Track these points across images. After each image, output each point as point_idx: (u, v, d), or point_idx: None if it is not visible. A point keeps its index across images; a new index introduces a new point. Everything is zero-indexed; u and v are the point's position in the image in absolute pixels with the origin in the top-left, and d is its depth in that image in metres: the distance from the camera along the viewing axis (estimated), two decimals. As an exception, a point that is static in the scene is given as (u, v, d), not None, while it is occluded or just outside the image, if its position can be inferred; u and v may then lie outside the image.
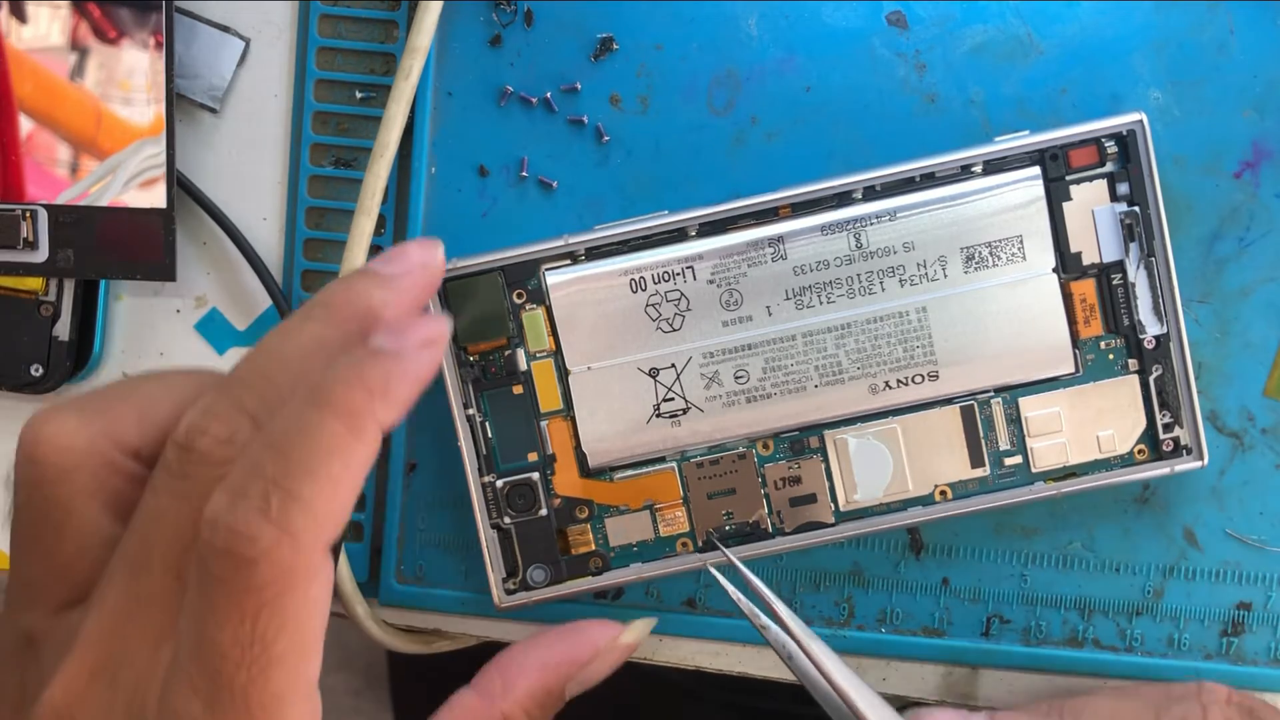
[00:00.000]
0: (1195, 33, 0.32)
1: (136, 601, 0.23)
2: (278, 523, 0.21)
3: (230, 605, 0.21)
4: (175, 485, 0.23)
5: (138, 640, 0.23)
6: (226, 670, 0.21)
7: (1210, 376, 0.32)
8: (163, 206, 0.33)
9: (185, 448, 0.23)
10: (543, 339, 0.31)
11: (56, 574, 0.24)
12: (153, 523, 0.23)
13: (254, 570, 0.21)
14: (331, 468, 0.22)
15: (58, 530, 0.24)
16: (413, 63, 0.32)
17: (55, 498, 0.24)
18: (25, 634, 0.25)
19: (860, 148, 0.32)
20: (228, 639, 0.21)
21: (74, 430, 0.24)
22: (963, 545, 0.33)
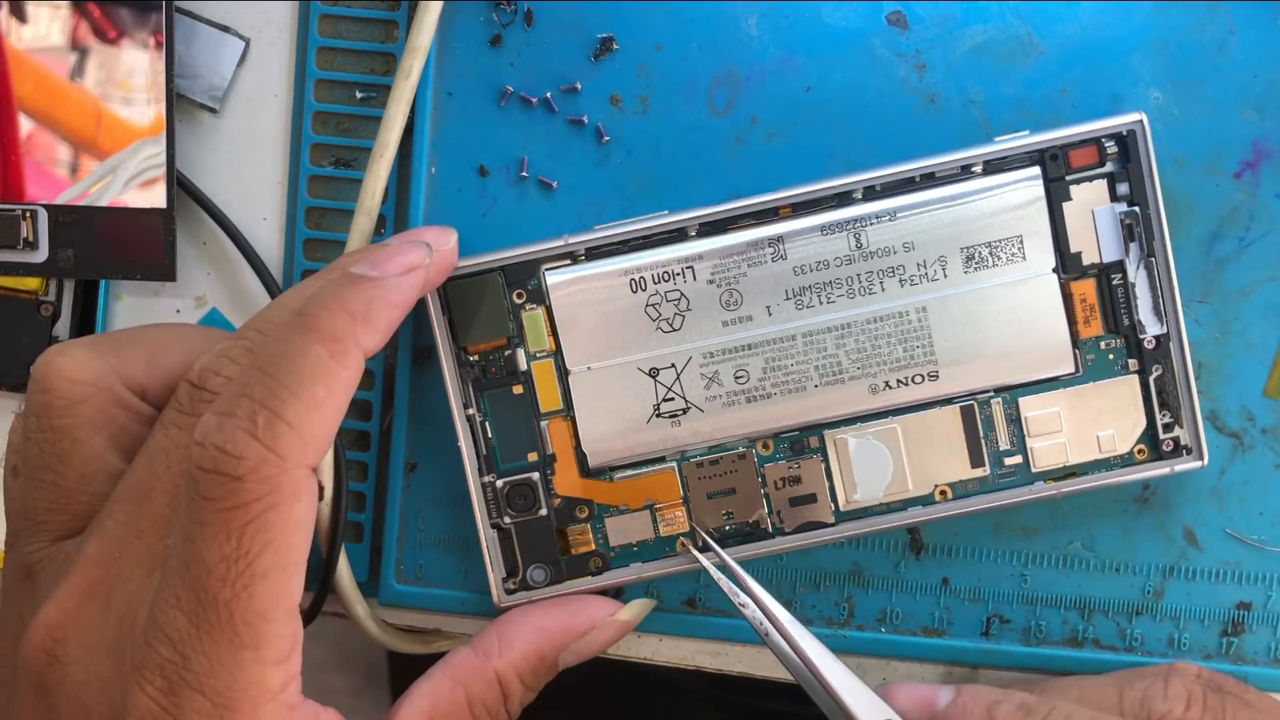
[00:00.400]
0: (1195, 33, 0.32)
1: (134, 529, 0.24)
2: (264, 441, 0.22)
3: (216, 522, 0.22)
4: (184, 421, 0.24)
5: (132, 565, 0.23)
6: (211, 586, 0.22)
7: (1210, 376, 0.32)
8: (163, 206, 0.33)
9: (198, 386, 0.24)
10: (543, 339, 0.31)
11: (58, 503, 0.25)
12: (160, 455, 0.24)
13: (240, 487, 0.22)
14: (316, 390, 0.23)
15: (62, 459, 0.25)
16: (413, 63, 0.32)
17: (62, 427, 0.25)
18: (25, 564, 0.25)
19: (860, 148, 0.32)
20: (213, 555, 0.22)
21: (84, 363, 0.25)
22: (963, 545, 0.33)
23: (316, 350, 0.23)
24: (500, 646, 0.29)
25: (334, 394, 0.23)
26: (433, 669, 0.29)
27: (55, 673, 0.23)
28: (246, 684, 0.22)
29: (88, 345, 0.26)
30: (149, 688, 0.22)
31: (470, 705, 0.28)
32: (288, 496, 0.22)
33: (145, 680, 0.22)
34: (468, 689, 0.28)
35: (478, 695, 0.28)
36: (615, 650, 0.34)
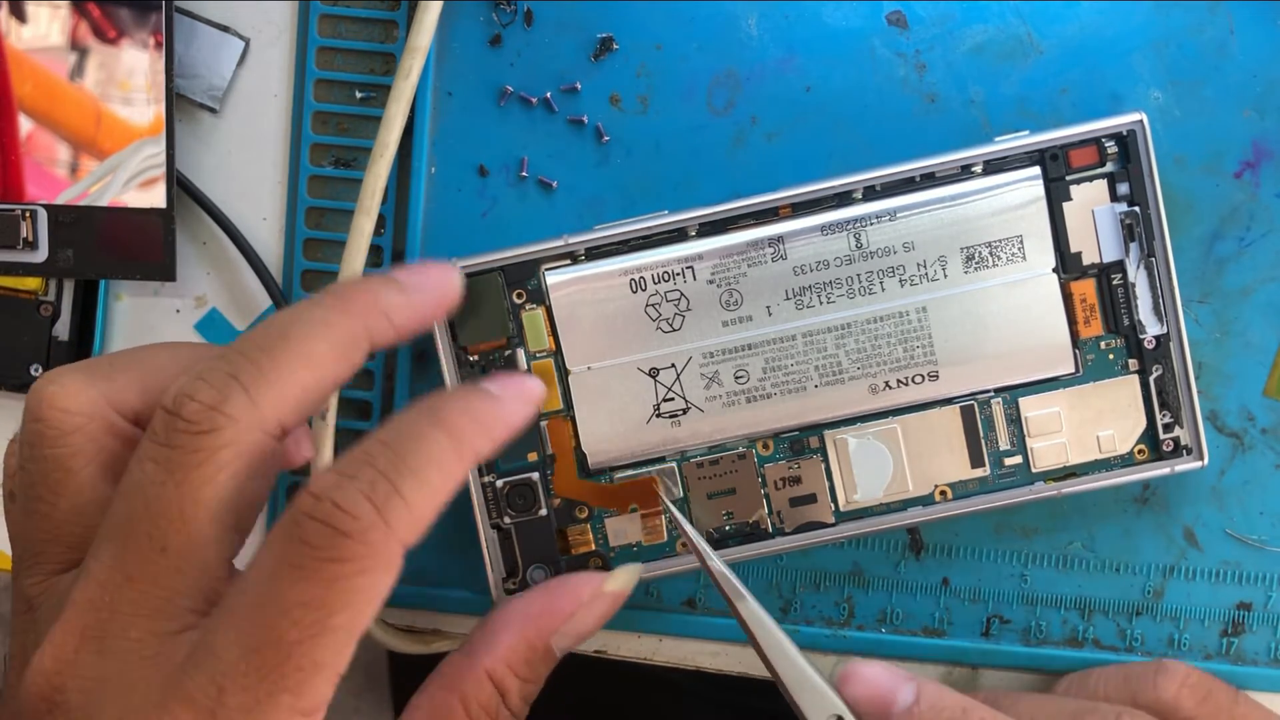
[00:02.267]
0: (1195, 33, 0.32)
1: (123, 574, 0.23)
2: (380, 509, 0.23)
3: (310, 568, 0.22)
4: (160, 454, 0.23)
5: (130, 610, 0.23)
6: (281, 626, 0.22)
7: (1210, 376, 0.32)
8: (162, 206, 0.33)
9: (172, 413, 0.24)
10: (543, 339, 0.31)
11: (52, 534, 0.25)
12: (137, 492, 0.24)
13: (344, 543, 0.22)
14: (432, 476, 0.24)
15: (55, 490, 0.25)
16: (413, 63, 0.32)
17: (55, 457, 0.25)
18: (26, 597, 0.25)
19: (860, 148, 0.32)
20: (294, 597, 0.22)
21: (75, 391, 0.25)
22: (963, 545, 0.33)
23: (443, 441, 0.24)
24: (487, 643, 0.28)
25: (446, 485, 0.24)
26: (427, 680, 0.28)
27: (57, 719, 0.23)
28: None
29: (81, 371, 0.26)
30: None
31: (465, 708, 0.28)
32: (381, 565, 0.23)
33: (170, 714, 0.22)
34: (460, 693, 0.28)
35: (471, 696, 0.28)
36: (615, 650, 0.34)
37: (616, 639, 0.34)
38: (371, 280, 0.27)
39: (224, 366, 0.24)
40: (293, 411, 0.24)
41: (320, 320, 0.25)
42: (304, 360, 0.25)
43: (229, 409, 0.23)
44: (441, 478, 0.24)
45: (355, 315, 0.26)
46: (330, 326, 0.25)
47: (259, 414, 0.24)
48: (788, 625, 0.33)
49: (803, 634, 0.33)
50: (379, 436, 0.24)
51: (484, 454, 0.26)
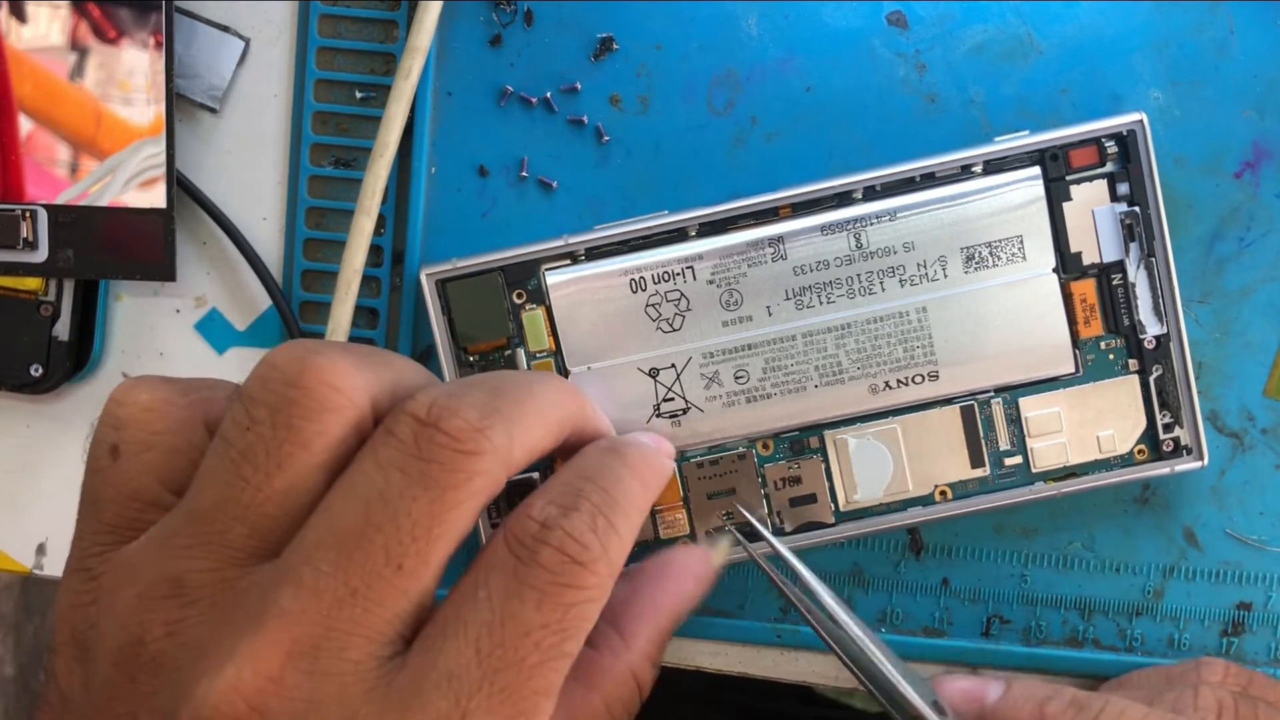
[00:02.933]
0: (1195, 33, 0.32)
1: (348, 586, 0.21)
2: (601, 542, 0.23)
3: (551, 592, 0.22)
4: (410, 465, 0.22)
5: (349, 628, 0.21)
6: (523, 647, 0.22)
7: (1210, 376, 0.32)
8: (162, 206, 0.33)
9: (427, 424, 0.22)
10: (543, 339, 0.31)
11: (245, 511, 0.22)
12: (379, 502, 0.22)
13: (581, 573, 0.23)
14: (635, 517, 0.25)
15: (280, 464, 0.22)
16: (413, 63, 0.32)
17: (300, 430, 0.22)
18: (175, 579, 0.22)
19: (860, 148, 0.32)
20: (537, 620, 0.22)
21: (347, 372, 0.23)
22: (963, 545, 0.33)
23: (637, 486, 0.25)
24: (624, 639, 0.27)
25: (638, 528, 0.25)
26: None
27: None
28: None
29: (346, 353, 0.23)
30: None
31: (609, 708, 0.26)
32: (605, 596, 0.23)
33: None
34: (604, 692, 0.26)
35: (615, 696, 0.27)
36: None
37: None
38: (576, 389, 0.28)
39: (482, 395, 0.23)
40: (526, 461, 0.24)
41: (559, 393, 0.26)
42: (543, 422, 0.25)
43: (494, 436, 0.22)
44: (639, 519, 0.25)
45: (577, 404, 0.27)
46: (564, 405, 0.26)
47: (512, 453, 0.23)
48: (787, 625, 0.33)
49: (803, 634, 0.33)
50: (579, 472, 0.25)
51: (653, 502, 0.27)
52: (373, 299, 0.33)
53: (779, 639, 0.33)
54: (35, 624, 0.87)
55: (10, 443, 0.36)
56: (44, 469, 0.35)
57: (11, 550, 0.36)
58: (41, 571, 0.36)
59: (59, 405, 0.35)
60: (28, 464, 0.35)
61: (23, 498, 0.36)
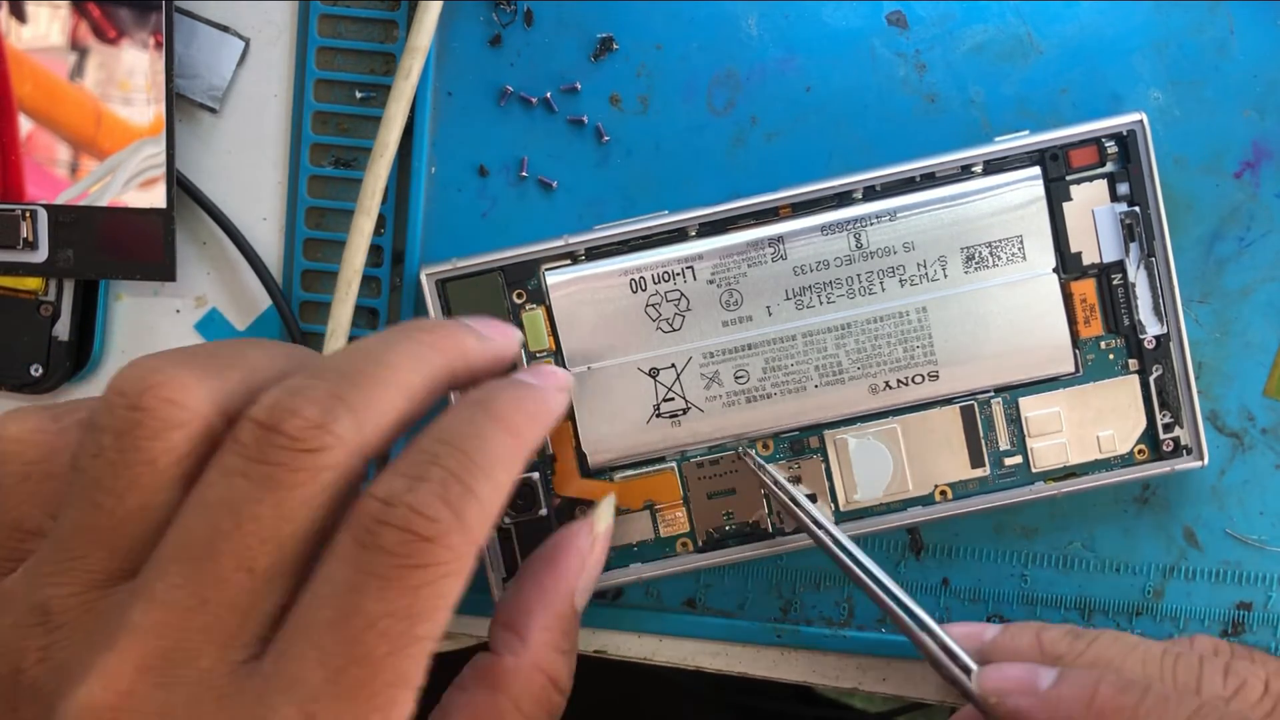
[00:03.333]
0: (1195, 33, 0.32)
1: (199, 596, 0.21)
2: (456, 510, 0.22)
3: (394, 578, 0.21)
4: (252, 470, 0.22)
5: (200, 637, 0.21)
6: (369, 640, 0.21)
7: (1210, 376, 0.32)
8: (162, 206, 0.33)
9: (268, 427, 0.22)
10: (543, 339, 0.31)
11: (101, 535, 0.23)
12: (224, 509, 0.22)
13: (428, 549, 0.21)
14: (500, 475, 0.23)
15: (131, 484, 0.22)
16: (413, 63, 0.32)
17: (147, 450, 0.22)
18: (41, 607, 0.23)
19: (860, 148, 0.32)
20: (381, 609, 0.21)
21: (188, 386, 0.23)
22: (963, 545, 0.33)
23: (505, 438, 0.24)
24: (520, 636, 0.27)
25: (511, 482, 0.23)
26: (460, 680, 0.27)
27: None
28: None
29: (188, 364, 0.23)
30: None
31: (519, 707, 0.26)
32: (463, 570, 0.22)
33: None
34: (509, 693, 0.26)
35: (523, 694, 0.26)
36: (615, 650, 0.34)
37: (616, 639, 0.34)
38: (451, 323, 0.27)
39: (325, 385, 0.23)
40: (384, 441, 0.23)
41: (417, 355, 0.25)
42: (401, 390, 0.24)
43: (338, 429, 0.22)
44: (507, 476, 0.23)
45: (445, 353, 0.25)
46: (425, 362, 0.25)
47: (362, 439, 0.22)
48: (787, 625, 0.33)
49: (803, 634, 0.33)
50: (436, 435, 0.23)
51: (537, 446, 0.25)
52: (373, 299, 0.33)
53: (779, 639, 0.33)
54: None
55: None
56: (44, 469, 0.35)
57: (11, 550, 0.36)
58: None
59: (59, 405, 0.35)
60: (28, 464, 0.35)
61: (23, 498, 0.36)
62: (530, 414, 0.25)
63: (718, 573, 0.33)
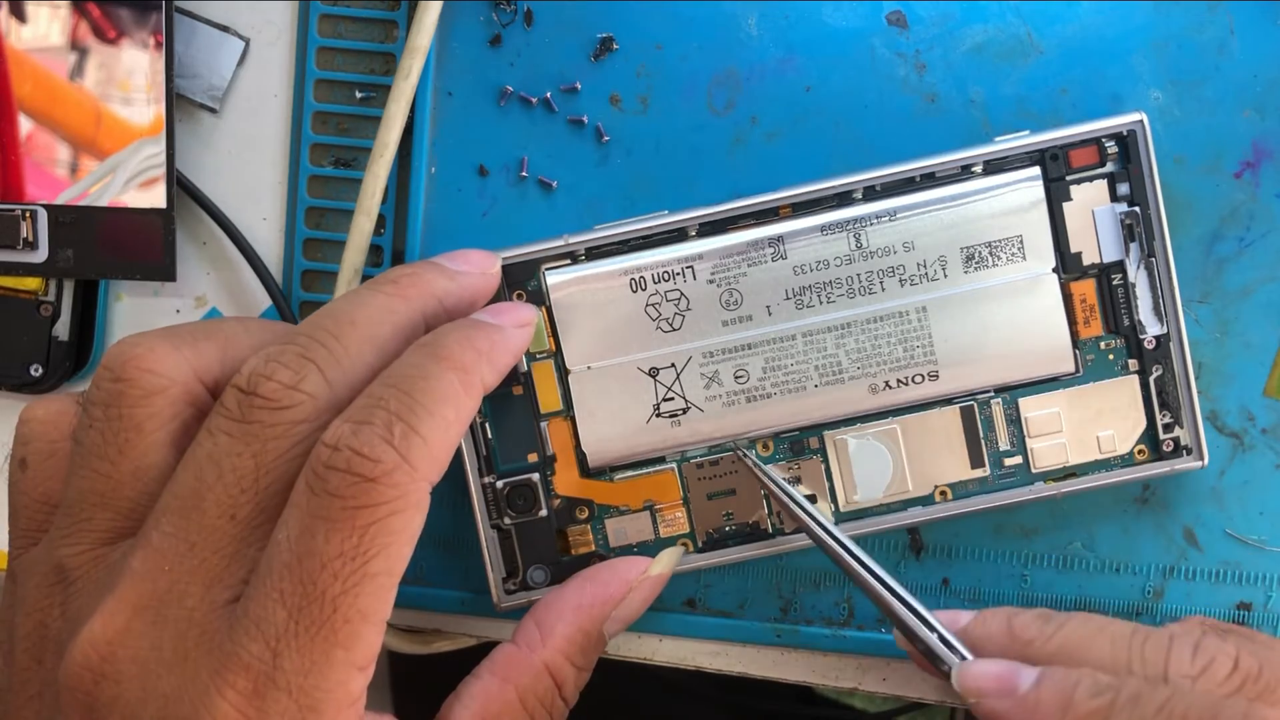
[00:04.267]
0: (1195, 33, 0.32)
1: (185, 541, 0.23)
2: (399, 450, 0.23)
3: (342, 519, 0.22)
4: (234, 428, 0.24)
5: (187, 578, 0.23)
6: (323, 580, 0.22)
7: (1210, 376, 0.32)
8: (162, 206, 0.33)
9: (248, 392, 0.24)
10: (542, 339, 0.31)
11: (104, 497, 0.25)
12: (209, 463, 0.24)
13: (372, 488, 0.22)
14: (446, 412, 0.24)
15: (122, 449, 0.25)
16: (413, 63, 0.32)
17: (131, 417, 0.25)
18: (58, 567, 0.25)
19: (860, 148, 0.32)
20: (332, 549, 0.22)
21: (164, 355, 0.25)
22: (963, 545, 0.33)
23: (450, 376, 0.25)
24: (542, 635, 0.28)
25: (460, 419, 0.24)
26: (478, 668, 0.28)
27: (105, 691, 0.23)
28: (333, 685, 0.22)
29: (165, 338, 0.26)
30: (231, 692, 0.22)
31: (523, 701, 0.28)
32: (412, 505, 0.23)
33: (227, 684, 0.22)
34: (518, 685, 0.28)
35: (529, 689, 0.28)
36: (615, 650, 0.34)
37: (616, 639, 0.34)
38: (423, 266, 0.28)
39: (296, 349, 0.25)
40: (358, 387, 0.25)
41: (384, 307, 0.26)
42: (371, 344, 0.25)
43: (306, 387, 0.24)
44: (455, 412, 0.24)
45: (414, 300, 0.27)
46: (393, 313, 0.26)
47: (332, 393, 0.24)
48: (787, 625, 0.33)
49: (803, 634, 0.33)
50: (384, 379, 0.24)
51: (490, 384, 0.26)
52: (373, 299, 0.33)
53: (779, 639, 0.33)
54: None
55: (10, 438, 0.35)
56: (44, 469, 0.35)
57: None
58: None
59: (59, 405, 0.35)
60: (28, 464, 0.35)
61: (23, 498, 0.36)
62: (480, 350, 0.26)
63: (718, 573, 0.33)
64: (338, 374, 0.25)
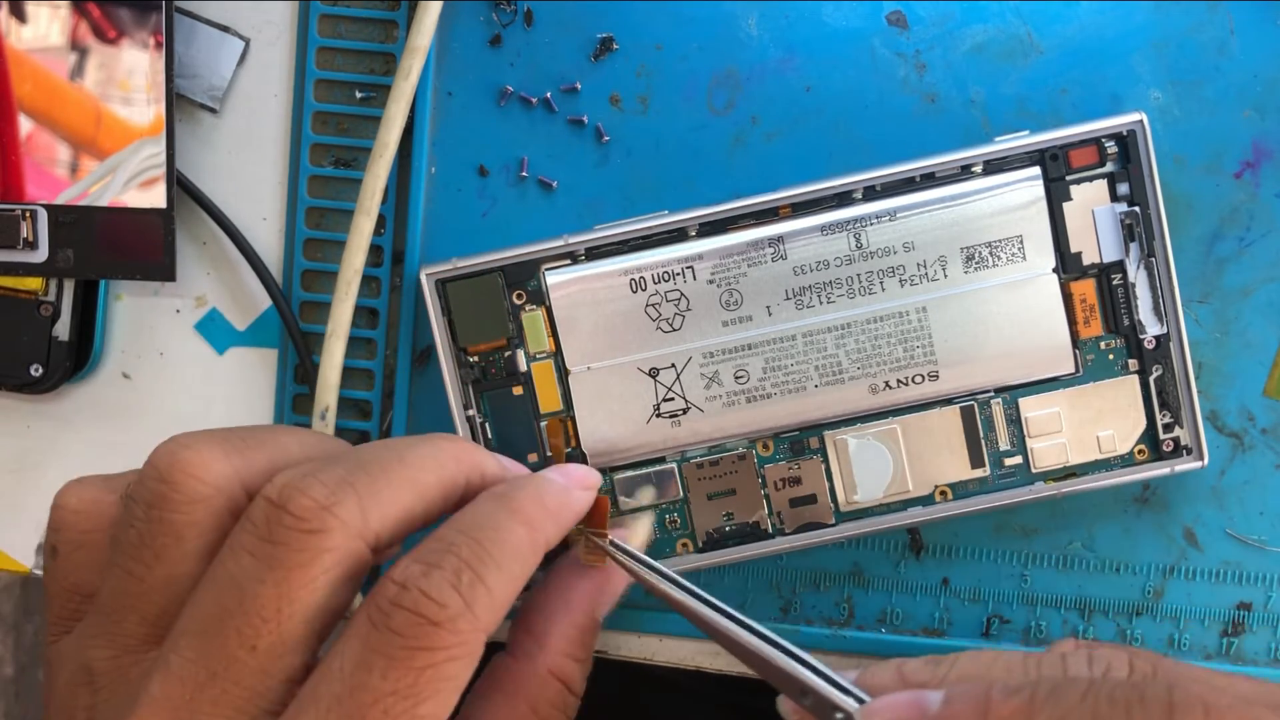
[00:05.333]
0: (1195, 33, 0.32)
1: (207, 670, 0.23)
2: (466, 597, 0.23)
3: (401, 657, 0.22)
4: (260, 548, 0.23)
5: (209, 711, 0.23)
6: (372, 715, 0.22)
7: (1210, 376, 0.32)
8: (162, 206, 0.33)
9: (278, 506, 0.23)
10: (542, 339, 0.31)
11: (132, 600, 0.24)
12: (230, 587, 0.23)
13: (435, 632, 0.22)
14: (514, 566, 0.24)
15: (158, 554, 0.24)
16: (413, 63, 0.32)
17: (172, 523, 0.24)
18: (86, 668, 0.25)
19: (860, 148, 0.32)
20: (386, 686, 0.22)
21: (212, 462, 0.25)
22: (963, 545, 0.33)
23: (520, 531, 0.25)
24: (538, 642, 0.28)
25: (524, 573, 0.25)
26: (479, 688, 0.28)
27: None
28: None
29: (218, 443, 0.25)
30: None
31: (536, 711, 0.27)
32: (469, 654, 0.23)
33: None
34: (527, 697, 0.27)
35: (539, 698, 0.27)
36: (615, 650, 0.34)
37: (616, 639, 0.34)
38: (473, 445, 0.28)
39: (338, 471, 0.24)
40: (391, 532, 0.24)
41: (435, 457, 0.26)
42: (412, 486, 0.25)
43: (340, 512, 0.23)
44: (520, 567, 0.24)
45: (463, 464, 0.26)
46: (442, 466, 0.26)
47: (365, 524, 0.24)
48: (787, 626, 0.33)
49: (803, 634, 0.33)
50: (457, 525, 0.24)
51: (553, 542, 0.26)
52: (373, 299, 0.33)
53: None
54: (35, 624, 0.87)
55: (10, 443, 0.36)
56: (44, 469, 0.35)
57: (12, 550, 0.36)
58: (41, 571, 0.36)
59: (59, 405, 0.35)
60: (28, 464, 0.36)
61: (23, 498, 0.36)
62: (548, 509, 0.26)
63: (718, 573, 0.33)
64: (374, 505, 0.24)
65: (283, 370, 0.34)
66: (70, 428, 0.35)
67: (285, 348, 0.34)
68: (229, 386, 0.35)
